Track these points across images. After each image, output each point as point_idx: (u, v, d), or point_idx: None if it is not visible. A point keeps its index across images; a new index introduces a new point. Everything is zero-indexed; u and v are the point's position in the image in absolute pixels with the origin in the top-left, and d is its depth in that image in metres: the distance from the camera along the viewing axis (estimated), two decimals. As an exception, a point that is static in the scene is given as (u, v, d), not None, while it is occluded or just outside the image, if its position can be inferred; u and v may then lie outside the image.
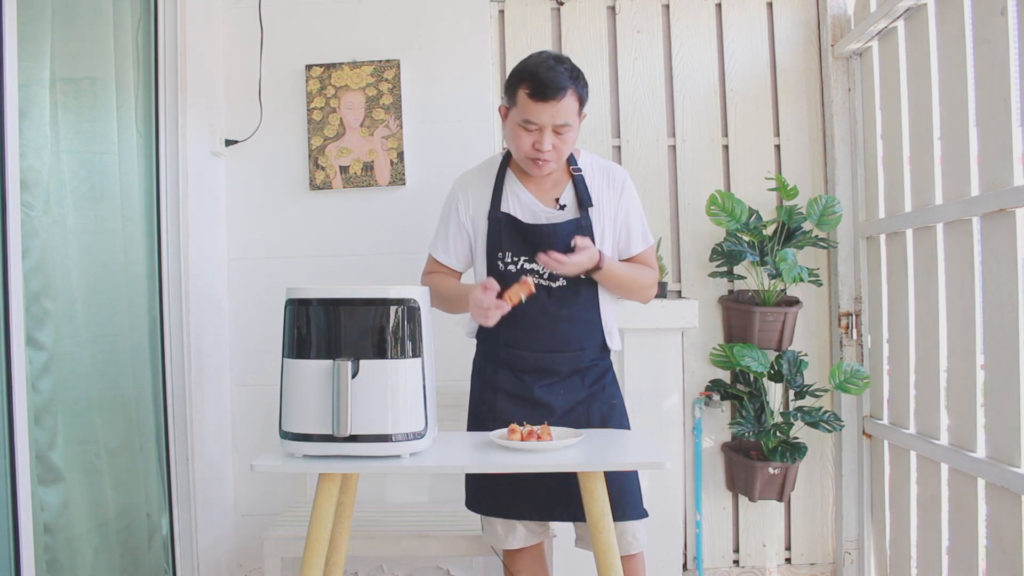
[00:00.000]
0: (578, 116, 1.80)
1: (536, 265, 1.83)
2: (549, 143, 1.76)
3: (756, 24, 2.80)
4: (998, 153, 1.90)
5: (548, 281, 1.84)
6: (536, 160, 1.79)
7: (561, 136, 1.77)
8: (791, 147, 2.79)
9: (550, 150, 1.77)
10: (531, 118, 1.75)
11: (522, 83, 1.76)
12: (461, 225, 1.93)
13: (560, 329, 1.85)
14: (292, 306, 1.60)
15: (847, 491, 2.70)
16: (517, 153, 1.84)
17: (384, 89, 2.72)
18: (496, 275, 1.86)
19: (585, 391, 1.88)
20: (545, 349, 1.86)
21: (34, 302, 1.79)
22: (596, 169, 1.91)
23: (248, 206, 2.77)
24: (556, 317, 1.84)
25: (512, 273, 1.85)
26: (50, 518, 1.83)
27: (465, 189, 1.94)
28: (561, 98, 1.73)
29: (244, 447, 2.75)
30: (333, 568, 1.78)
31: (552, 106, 1.73)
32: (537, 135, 1.76)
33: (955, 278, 2.13)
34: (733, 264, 2.65)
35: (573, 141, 1.82)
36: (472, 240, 1.93)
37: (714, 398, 2.70)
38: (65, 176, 1.95)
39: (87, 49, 2.07)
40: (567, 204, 1.87)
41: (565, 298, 1.84)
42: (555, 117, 1.74)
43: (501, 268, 1.86)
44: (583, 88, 1.79)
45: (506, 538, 1.90)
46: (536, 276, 1.83)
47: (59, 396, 1.87)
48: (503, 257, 1.86)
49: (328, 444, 1.54)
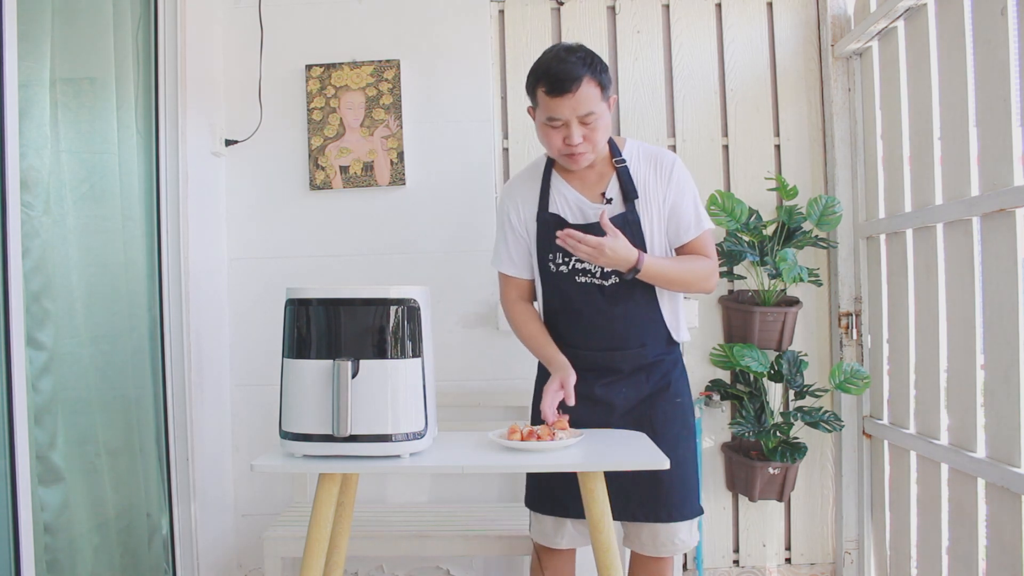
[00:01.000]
0: (603, 102, 1.75)
1: (588, 265, 1.80)
2: (578, 136, 1.73)
3: (756, 24, 2.80)
4: (998, 153, 1.90)
5: (601, 280, 1.81)
6: (570, 155, 1.77)
7: (589, 126, 1.73)
8: (791, 147, 2.79)
9: (581, 142, 1.74)
10: (553, 114, 1.73)
11: (538, 82, 1.74)
12: (516, 232, 1.90)
13: (617, 327, 1.82)
14: (292, 306, 1.60)
15: (847, 491, 2.70)
16: (551, 152, 1.81)
17: (384, 89, 2.72)
18: (547, 277, 1.85)
19: (649, 388, 1.85)
20: (604, 348, 1.83)
21: (34, 302, 1.80)
22: (642, 158, 1.85)
23: (248, 206, 2.77)
24: (611, 316, 1.81)
25: (564, 274, 1.83)
26: (50, 518, 1.83)
27: (513, 196, 1.92)
28: (577, 88, 1.69)
29: (244, 447, 2.75)
30: (333, 568, 1.78)
31: (570, 99, 1.70)
32: (564, 130, 1.74)
33: (955, 278, 2.13)
34: (733, 264, 2.65)
35: (605, 128, 1.77)
36: (529, 245, 1.90)
37: (714, 398, 2.70)
38: (65, 176, 1.95)
39: (87, 49, 2.07)
40: (613, 197, 1.82)
41: (618, 295, 1.80)
42: (576, 109, 1.71)
43: (552, 270, 1.84)
44: (601, 73, 1.74)
45: (554, 537, 1.88)
46: (588, 276, 1.81)
47: (59, 396, 1.87)
48: (553, 259, 1.84)
49: (328, 444, 1.54)
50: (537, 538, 1.93)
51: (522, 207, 1.89)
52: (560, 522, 1.87)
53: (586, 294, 1.81)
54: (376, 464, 1.55)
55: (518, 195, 1.91)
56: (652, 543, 1.83)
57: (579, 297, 1.82)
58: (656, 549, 1.83)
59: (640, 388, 1.85)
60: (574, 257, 1.80)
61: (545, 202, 1.86)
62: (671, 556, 1.86)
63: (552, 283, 1.85)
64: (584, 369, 1.82)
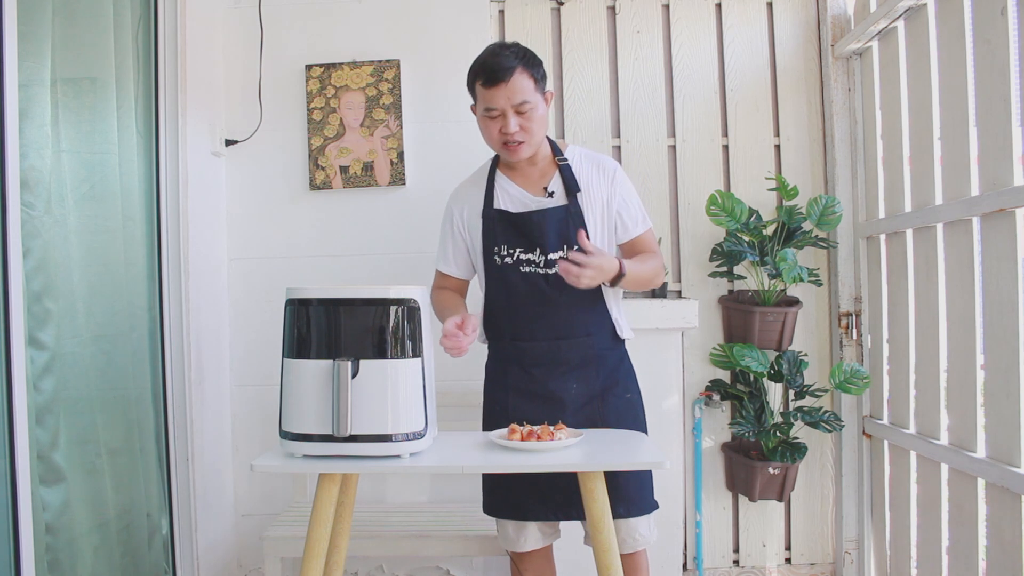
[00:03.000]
0: (538, 93, 1.83)
1: (532, 255, 1.86)
2: (514, 124, 1.80)
3: (756, 24, 2.80)
4: (998, 153, 1.90)
5: (545, 268, 1.85)
6: (507, 144, 1.83)
7: (524, 115, 1.81)
8: (791, 147, 2.79)
9: (517, 131, 1.81)
10: (490, 104, 1.81)
11: (475, 77, 1.84)
12: (457, 233, 1.98)
13: (561, 315, 1.86)
14: (292, 306, 1.60)
15: (847, 491, 2.70)
16: (491, 143, 1.88)
17: (384, 89, 2.72)
18: (492, 270, 1.90)
19: (600, 384, 1.87)
20: (549, 337, 1.87)
21: (36, 302, 1.79)
22: (584, 159, 1.94)
23: (248, 206, 2.77)
24: (556, 303, 1.85)
25: (509, 265, 1.87)
26: (51, 518, 1.83)
27: (457, 199, 2.00)
28: (509, 78, 1.78)
29: (244, 447, 2.75)
30: (333, 568, 1.78)
31: (504, 88, 1.78)
32: (501, 120, 1.81)
33: (955, 278, 2.13)
34: (733, 264, 2.65)
35: (541, 120, 1.85)
36: (469, 245, 1.96)
37: (714, 398, 2.70)
38: (66, 176, 1.95)
39: (87, 49, 2.07)
40: (555, 191, 1.89)
41: (562, 283, 1.82)
42: (511, 98, 1.79)
43: (498, 262, 1.89)
44: (535, 67, 1.83)
45: (518, 540, 1.91)
46: (532, 266, 1.86)
47: (60, 396, 1.87)
48: (499, 251, 1.89)
49: (328, 444, 1.54)
50: (504, 543, 1.95)
51: (465, 208, 1.96)
52: (522, 525, 1.89)
53: (531, 283, 1.86)
54: (376, 464, 1.55)
55: (462, 198, 1.98)
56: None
57: (524, 287, 1.87)
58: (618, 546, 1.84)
59: (590, 384, 1.87)
60: (518, 249, 1.86)
61: (490, 199, 1.92)
62: (635, 552, 1.87)
63: (497, 276, 1.89)
64: (532, 364, 1.88)
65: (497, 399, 1.93)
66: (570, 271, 1.70)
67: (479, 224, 1.92)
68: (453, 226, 1.98)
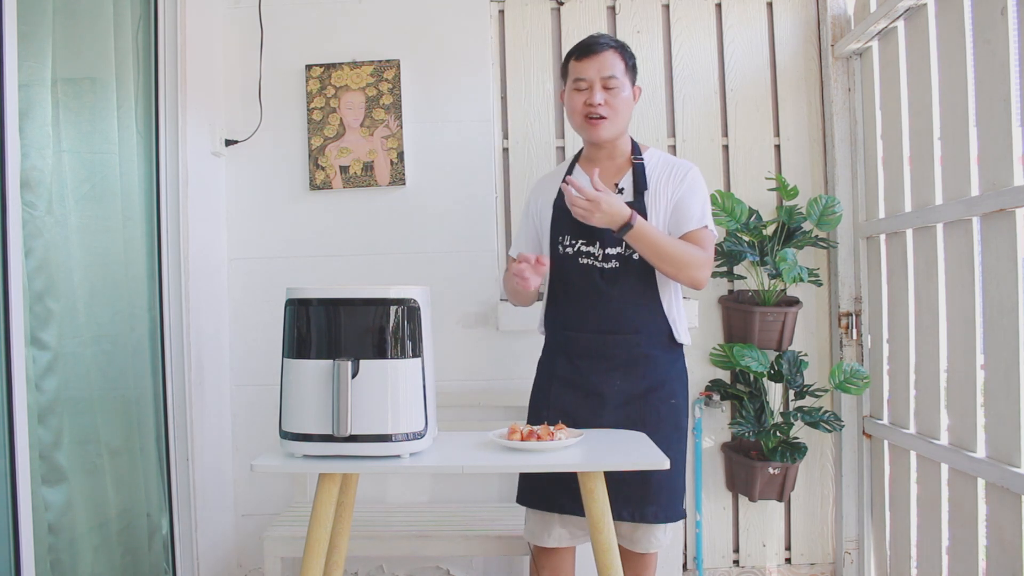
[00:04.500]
0: (627, 77, 1.90)
1: (592, 247, 1.88)
2: (600, 96, 1.86)
3: (756, 24, 2.80)
4: (998, 153, 1.90)
5: (601, 263, 1.87)
6: (589, 116, 1.87)
7: (612, 91, 1.87)
8: (791, 147, 2.79)
9: (602, 104, 1.86)
10: (580, 75, 1.88)
11: (571, 55, 1.93)
12: (531, 222, 2.06)
13: (612, 309, 1.86)
14: (292, 306, 1.60)
15: (847, 491, 2.70)
16: (575, 120, 1.93)
17: (384, 89, 2.72)
18: (555, 259, 1.93)
19: (644, 385, 1.86)
20: (597, 330, 1.88)
21: (38, 302, 1.79)
22: (661, 163, 1.95)
23: (248, 206, 2.77)
24: (608, 296, 1.87)
25: (569, 255, 1.91)
26: (54, 518, 1.83)
27: (535, 190, 2.09)
28: (602, 51, 1.87)
29: (244, 447, 2.75)
30: (333, 568, 1.78)
31: (596, 59, 1.86)
32: (588, 93, 1.87)
33: (955, 278, 2.13)
34: (733, 264, 2.65)
35: (627, 104, 1.90)
36: (539, 232, 2.02)
37: (714, 398, 2.70)
38: (67, 176, 1.95)
39: (88, 49, 2.07)
40: (625, 188, 1.92)
41: (616, 277, 1.86)
42: (601, 70, 1.86)
43: (560, 251, 1.93)
44: (628, 55, 1.92)
45: (541, 535, 1.91)
46: (590, 258, 1.89)
47: (63, 396, 1.87)
48: (562, 240, 1.93)
49: (328, 444, 1.55)
50: (527, 536, 1.96)
51: (541, 196, 2.03)
52: (547, 519, 1.90)
53: (586, 274, 1.88)
54: (376, 464, 1.55)
55: (540, 187, 2.08)
56: (629, 538, 1.87)
57: (579, 277, 1.89)
58: (632, 544, 1.87)
59: (634, 383, 1.86)
60: (580, 240, 1.89)
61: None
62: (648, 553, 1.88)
63: (558, 265, 1.93)
64: (578, 356, 1.89)
65: (542, 387, 1.96)
66: (576, 203, 1.73)
67: (549, 214, 1.97)
68: (528, 214, 2.06)
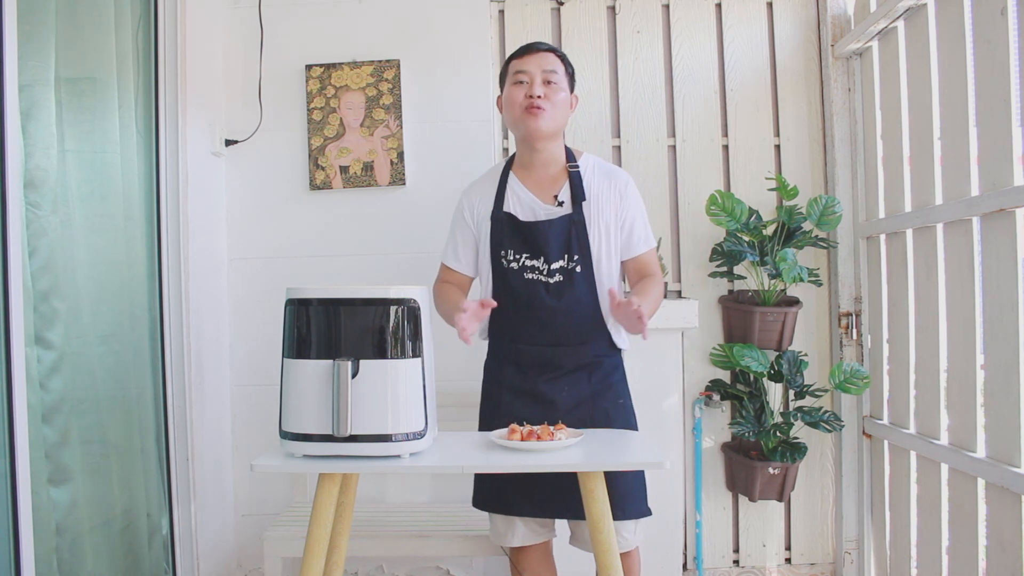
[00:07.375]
0: (566, 79, 1.91)
1: (536, 262, 1.87)
2: (540, 89, 1.86)
3: (756, 24, 2.80)
4: (998, 153, 1.90)
5: (547, 277, 1.87)
6: (530, 108, 1.86)
7: (551, 86, 1.87)
8: (791, 147, 2.79)
9: (541, 96, 1.85)
10: (519, 69, 1.89)
11: (511, 58, 1.95)
12: (467, 229, 2.00)
13: (558, 322, 1.88)
14: (292, 306, 1.60)
15: (847, 491, 2.70)
16: (513, 113, 1.90)
17: (384, 89, 2.72)
18: (499, 272, 1.91)
19: (590, 389, 1.89)
20: (546, 343, 1.89)
21: (43, 301, 1.79)
22: (596, 170, 1.96)
23: (248, 206, 2.77)
24: (554, 310, 1.87)
25: (514, 270, 1.89)
26: (60, 518, 1.83)
27: (470, 196, 2.02)
28: (543, 50, 1.90)
29: (244, 447, 2.75)
30: (333, 568, 1.78)
31: (537, 56, 1.89)
32: (528, 86, 1.87)
33: (955, 278, 2.13)
34: (733, 264, 2.65)
35: (564, 104, 1.91)
36: (477, 242, 1.99)
37: (714, 398, 2.70)
38: (70, 176, 1.95)
39: (88, 49, 2.07)
40: (564, 200, 1.91)
41: (562, 292, 1.87)
42: (542, 65, 1.88)
43: (504, 266, 1.91)
44: (569, 64, 1.95)
45: (506, 535, 1.92)
46: (535, 272, 1.88)
47: (67, 395, 1.88)
48: (505, 255, 1.91)
49: (328, 444, 1.54)
50: (494, 538, 1.97)
51: (477, 204, 1.99)
52: (510, 520, 1.91)
53: (532, 290, 1.88)
54: (376, 464, 1.55)
55: (475, 194, 2.01)
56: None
57: (526, 292, 1.89)
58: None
59: (581, 388, 1.89)
60: (524, 255, 1.89)
61: (500, 201, 1.95)
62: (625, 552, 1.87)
63: (502, 278, 1.92)
64: (527, 365, 1.91)
65: (492, 396, 1.96)
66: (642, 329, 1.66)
67: (488, 225, 1.94)
68: (464, 220, 2.00)
